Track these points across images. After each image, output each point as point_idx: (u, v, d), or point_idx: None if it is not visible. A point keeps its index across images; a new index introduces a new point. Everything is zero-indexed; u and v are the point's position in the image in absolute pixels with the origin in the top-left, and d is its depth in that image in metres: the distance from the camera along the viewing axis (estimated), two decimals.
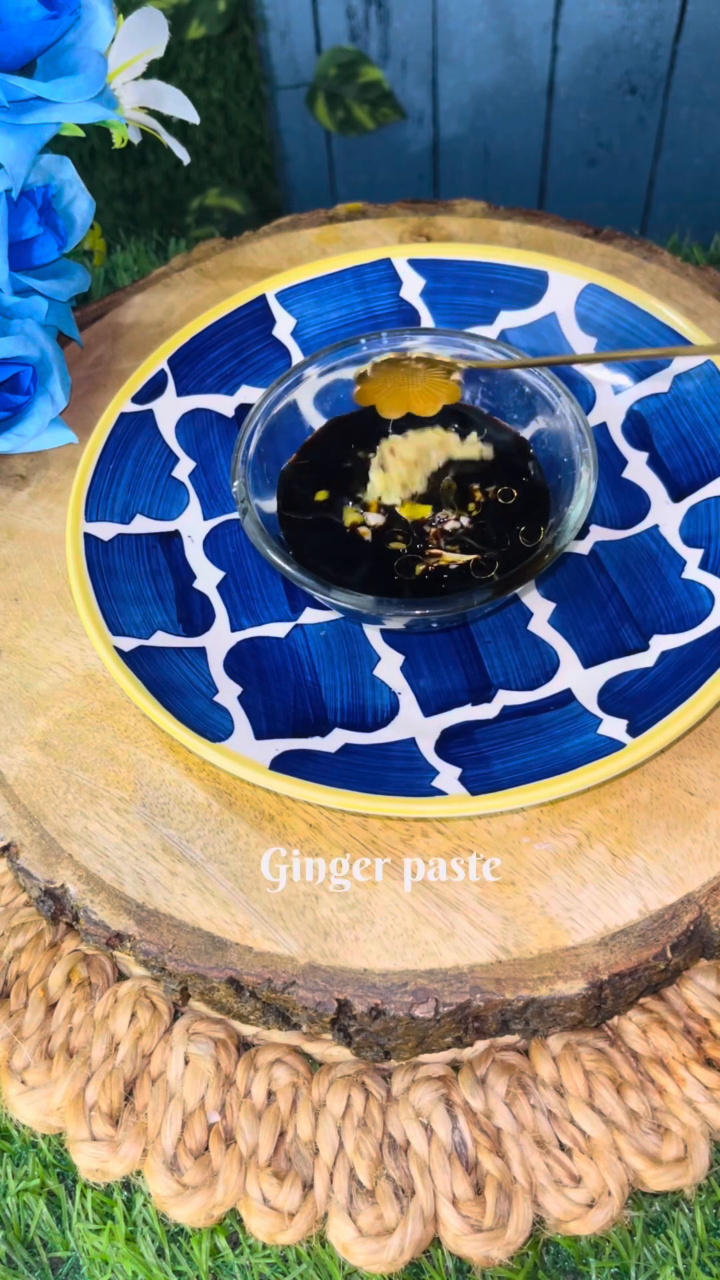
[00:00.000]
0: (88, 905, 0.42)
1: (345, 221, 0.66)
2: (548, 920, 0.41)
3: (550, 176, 1.01)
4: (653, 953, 0.40)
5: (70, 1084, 0.45)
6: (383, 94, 0.93)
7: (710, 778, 0.44)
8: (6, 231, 0.52)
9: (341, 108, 0.94)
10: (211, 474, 0.54)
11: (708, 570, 0.48)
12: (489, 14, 0.89)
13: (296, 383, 0.53)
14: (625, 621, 0.48)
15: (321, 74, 0.92)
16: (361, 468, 0.52)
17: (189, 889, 0.42)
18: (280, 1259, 0.44)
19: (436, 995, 0.39)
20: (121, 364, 0.60)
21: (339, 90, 0.92)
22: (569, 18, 0.89)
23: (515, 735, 0.44)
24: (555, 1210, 0.42)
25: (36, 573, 0.52)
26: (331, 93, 0.93)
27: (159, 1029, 0.46)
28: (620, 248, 0.62)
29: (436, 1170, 0.42)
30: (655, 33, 0.89)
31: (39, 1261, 0.45)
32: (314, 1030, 0.41)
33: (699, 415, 0.52)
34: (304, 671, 0.47)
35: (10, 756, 0.46)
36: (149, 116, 0.58)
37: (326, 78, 0.92)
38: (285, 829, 0.44)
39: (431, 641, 0.48)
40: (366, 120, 0.95)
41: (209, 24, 0.88)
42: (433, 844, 0.43)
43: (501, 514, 0.50)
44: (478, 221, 0.64)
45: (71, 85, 0.51)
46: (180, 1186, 0.43)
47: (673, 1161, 0.42)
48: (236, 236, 0.66)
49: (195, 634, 0.48)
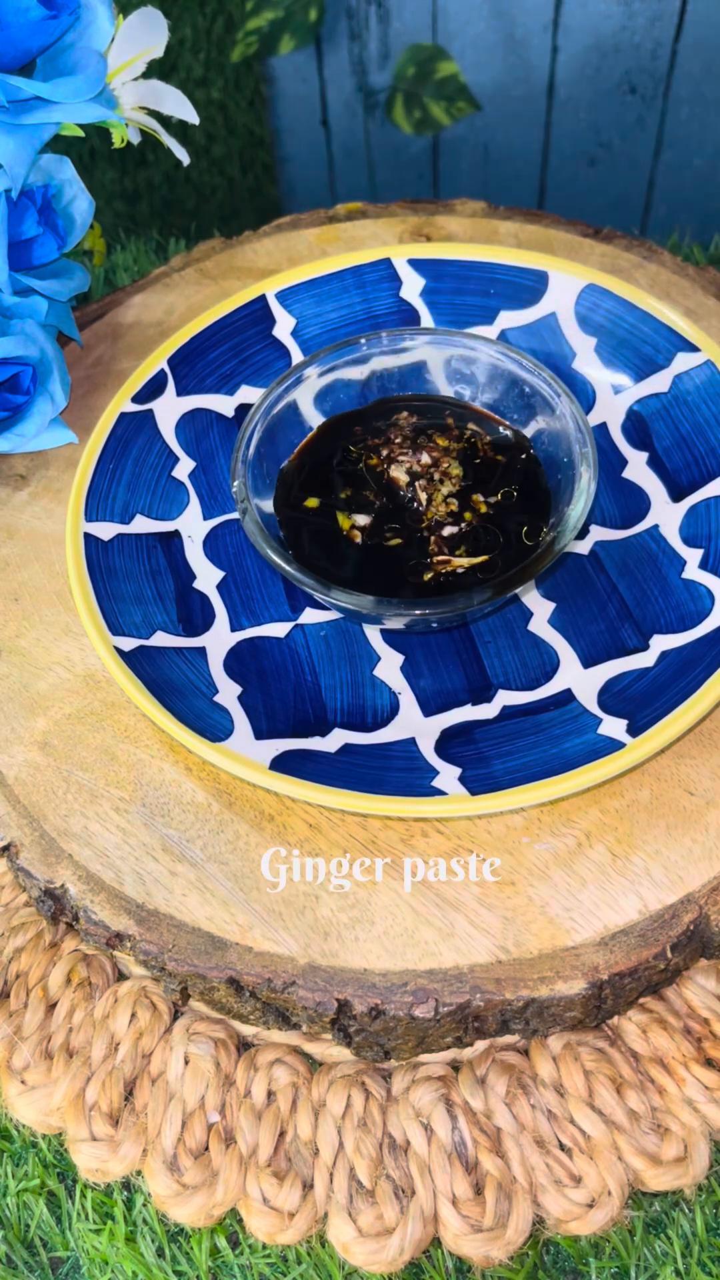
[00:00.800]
0: (88, 905, 0.42)
1: (345, 221, 0.66)
2: (548, 920, 0.41)
3: (550, 176, 1.01)
4: (653, 953, 0.40)
5: (70, 1084, 0.45)
6: (459, 88, 0.90)
7: (710, 778, 0.44)
8: (6, 231, 0.52)
9: (419, 107, 0.92)
10: (211, 474, 0.54)
11: (708, 570, 0.48)
12: (489, 14, 0.89)
13: (296, 383, 0.53)
14: (625, 621, 0.48)
15: (400, 74, 0.90)
16: (354, 469, 0.52)
17: (189, 889, 0.42)
18: (280, 1259, 0.44)
19: (436, 995, 0.39)
20: (121, 364, 0.60)
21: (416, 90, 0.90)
22: (569, 18, 0.89)
23: (515, 735, 0.44)
24: (555, 1210, 0.42)
25: (36, 573, 0.52)
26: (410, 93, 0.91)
27: (159, 1029, 0.46)
28: (620, 248, 0.62)
29: (436, 1170, 0.42)
30: (655, 33, 0.89)
31: (39, 1261, 0.45)
32: (314, 1030, 0.41)
33: (699, 415, 0.52)
34: (304, 671, 0.47)
35: (10, 756, 0.46)
36: (149, 116, 0.58)
37: (405, 78, 0.90)
38: (285, 829, 0.44)
39: (431, 641, 0.48)
40: (443, 117, 0.92)
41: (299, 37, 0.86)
42: (433, 844, 0.43)
43: (502, 514, 0.50)
44: (478, 221, 0.64)
45: (71, 85, 0.51)
46: (180, 1186, 0.43)
47: (673, 1161, 0.42)
48: (236, 237, 0.66)
49: (195, 634, 0.48)
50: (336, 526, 0.50)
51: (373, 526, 0.49)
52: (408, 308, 0.59)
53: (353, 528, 0.49)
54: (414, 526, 0.49)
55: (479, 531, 0.49)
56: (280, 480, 0.51)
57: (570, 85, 0.93)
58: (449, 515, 0.50)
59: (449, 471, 0.51)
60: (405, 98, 0.91)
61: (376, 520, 0.50)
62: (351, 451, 0.52)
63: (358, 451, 0.52)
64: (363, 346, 0.54)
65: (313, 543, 0.49)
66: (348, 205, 0.67)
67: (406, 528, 0.49)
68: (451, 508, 0.50)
